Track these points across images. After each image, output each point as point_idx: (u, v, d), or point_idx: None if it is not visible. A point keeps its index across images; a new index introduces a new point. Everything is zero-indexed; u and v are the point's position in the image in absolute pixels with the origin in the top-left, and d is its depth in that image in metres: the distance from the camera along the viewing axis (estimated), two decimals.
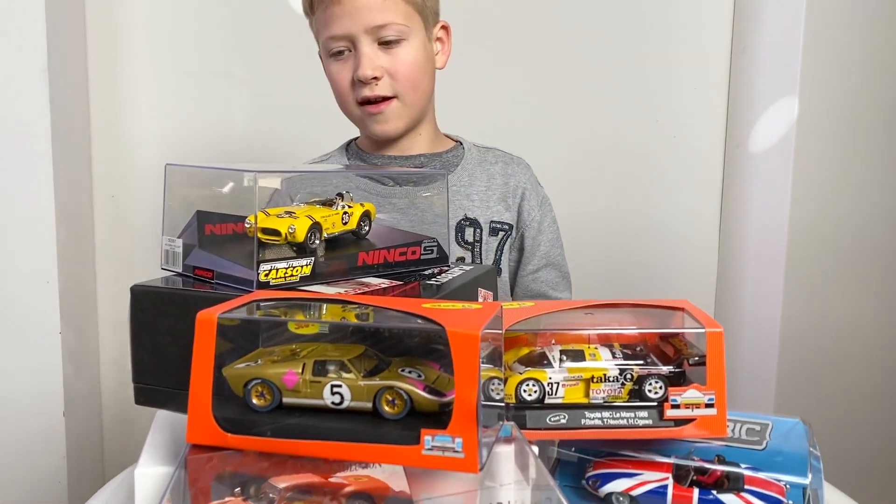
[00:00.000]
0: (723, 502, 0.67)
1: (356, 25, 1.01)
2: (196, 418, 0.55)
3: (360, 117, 1.08)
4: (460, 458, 0.51)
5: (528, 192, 1.15)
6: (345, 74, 1.05)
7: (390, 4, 1.02)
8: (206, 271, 0.72)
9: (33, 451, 1.49)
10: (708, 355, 0.65)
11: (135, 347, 0.70)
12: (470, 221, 1.11)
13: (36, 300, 1.44)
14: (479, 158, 1.16)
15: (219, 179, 0.77)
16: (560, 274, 1.20)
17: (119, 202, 1.59)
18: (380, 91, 1.04)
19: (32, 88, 1.38)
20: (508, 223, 1.14)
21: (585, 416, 0.66)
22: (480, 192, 1.13)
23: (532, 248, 1.17)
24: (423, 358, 0.61)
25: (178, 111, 1.57)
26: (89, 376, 1.61)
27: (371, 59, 1.02)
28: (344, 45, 1.04)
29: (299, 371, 0.56)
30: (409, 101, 1.07)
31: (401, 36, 1.03)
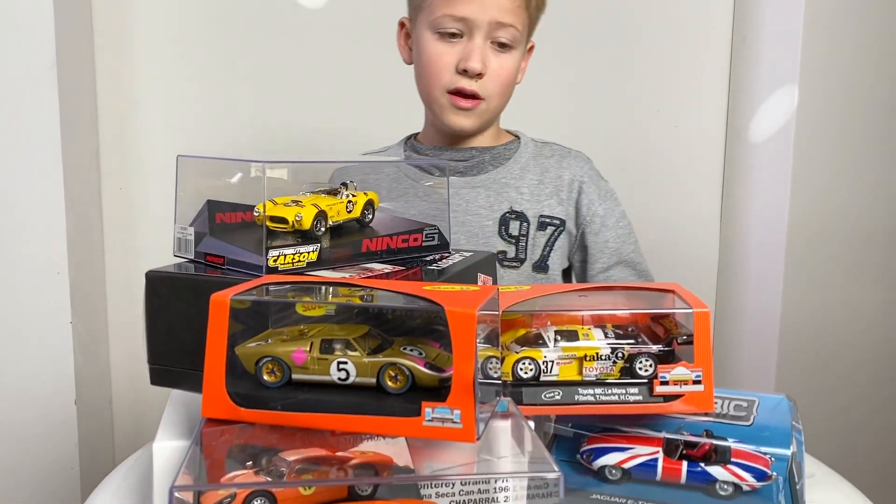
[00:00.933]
0: (710, 474, 0.70)
1: (483, 15, 1.00)
2: (211, 394, 0.58)
3: (441, 104, 1.06)
4: (458, 428, 0.55)
5: (585, 186, 1.12)
6: (448, 58, 1.02)
7: (517, 10, 1.02)
8: (217, 257, 0.75)
9: (46, 438, 1.52)
10: (695, 334, 0.68)
11: (149, 330, 0.74)
12: (516, 215, 1.09)
13: (47, 291, 1.47)
14: (534, 152, 1.14)
15: (228, 170, 0.81)
16: (636, 272, 1.15)
17: (127, 194, 1.61)
18: (476, 88, 1.03)
19: (42, 83, 1.41)
20: (560, 218, 1.11)
21: (579, 393, 0.69)
22: (532, 186, 1.11)
23: (597, 246, 1.13)
24: (424, 337, 0.64)
25: (184, 105, 1.60)
26: (100, 365, 1.64)
27: (485, 54, 1.01)
28: (459, 29, 1.01)
29: (307, 349, 0.60)
30: (492, 105, 1.07)
31: (512, 43, 1.03)
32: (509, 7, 1.01)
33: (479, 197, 1.10)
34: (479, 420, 0.56)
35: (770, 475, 0.70)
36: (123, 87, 1.57)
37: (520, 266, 1.08)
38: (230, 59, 1.60)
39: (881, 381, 1.71)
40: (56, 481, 1.52)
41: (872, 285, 1.69)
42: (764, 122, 1.62)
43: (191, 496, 0.59)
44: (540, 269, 1.09)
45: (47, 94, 1.41)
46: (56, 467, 1.53)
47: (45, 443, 1.52)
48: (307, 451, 0.62)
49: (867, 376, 1.71)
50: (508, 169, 1.12)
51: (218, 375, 0.58)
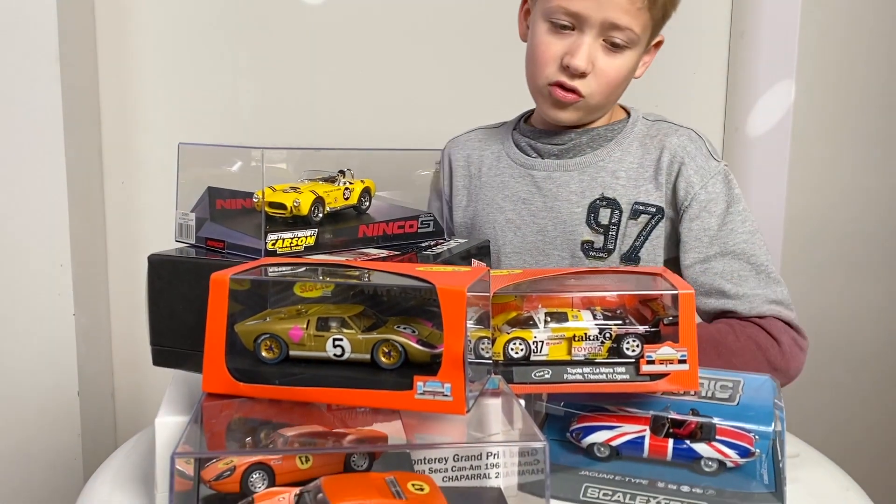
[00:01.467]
0: (695, 450, 0.72)
1: (597, 13, 0.94)
2: (211, 369, 0.61)
3: (541, 93, 1.01)
4: (449, 401, 0.57)
5: (685, 167, 1.00)
6: (555, 49, 0.97)
7: (637, 11, 0.95)
8: (217, 242, 0.77)
9: (50, 428, 1.54)
10: (680, 315, 0.70)
11: (152, 312, 0.76)
12: (607, 202, 1.01)
13: (50, 283, 1.49)
14: (641, 132, 1.05)
15: (228, 158, 0.83)
16: (749, 266, 0.97)
17: (128, 188, 1.63)
18: (577, 85, 0.98)
19: (45, 79, 1.42)
20: (656, 205, 1.01)
21: (567, 372, 0.71)
22: (630, 170, 1.02)
23: (692, 234, 0.99)
24: (417, 317, 0.66)
25: (185, 102, 1.61)
26: (102, 357, 1.66)
27: (591, 54, 0.96)
28: (570, 22, 0.96)
29: (304, 326, 0.62)
30: (594, 102, 1.00)
31: (627, 44, 0.97)
32: (627, 8, 0.94)
33: (572, 181, 1.04)
34: (469, 394, 0.58)
35: (753, 452, 0.72)
36: (125, 83, 1.59)
37: (607, 257, 1.02)
38: (231, 56, 1.61)
39: (877, 376, 1.73)
40: (59, 471, 1.55)
41: (867, 278, 1.70)
42: (761, 117, 1.63)
43: (192, 470, 0.61)
44: (630, 260, 1.01)
45: (50, 90, 1.43)
46: (59, 458, 1.55)
47: (49, 434, 1.54)
48: (305, 427, 0.64)
49: (863, 370, 1.73)
50: (608, 150, 1.04)
51: (218, 352, 0.61)
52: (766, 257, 0.99)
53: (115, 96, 1.59)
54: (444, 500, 0.60)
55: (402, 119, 1.61)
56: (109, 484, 0.75)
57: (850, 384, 1.73)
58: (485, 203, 1.10)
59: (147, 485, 0.72)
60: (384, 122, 1.60)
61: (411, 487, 0.60)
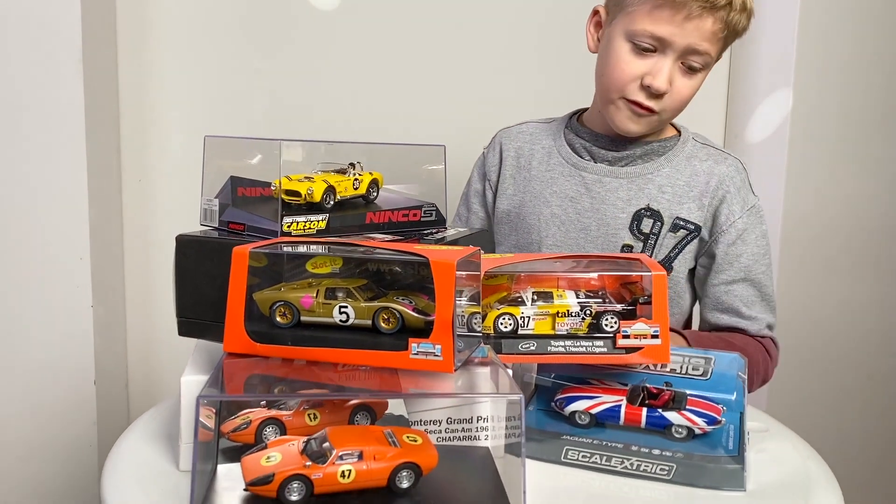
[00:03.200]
0: (666, 418, 0.80)
1: (682, 39, 1.00)
2: (231, 332, 0.69)
3: (617, 106, 1.06)
4: (439, 360, 0.65)
5: (730, 196, 1.08)
6: (635, 67, 1.02)
7: (716, 39, 1.01)
8: (238, 225, 0.86)
9: (67, 417, 1.59)
10: (653, 294, 0.77)
11: (178, 288, 0.84)
12: (651, 213, 1.08)
13: (70, 275, 1.53)
14: (690, 152, 1.12)
15: (249, 150, 0.91)
16: (759, 294, 1.10)
17: (145, 185, 1.69)
18: (654, 104, 1.04)
19: (68, 80, 1.48)
20: (696, 224, 1.09)
21: (551, 345, 0.79)
22: (678, 187, 1.09)
23: (727, 258, 1.09)
24: (415, 291, 0.74)
25: (200, 101, 1.67)
26: (117, 348, 1.70)
27: (671, 76, 1.02)
28: (653, 45, 1.01)
29: (314, 295, 0.70)
30: (665, 118, 1.07)
31: (702, 67, 1.03)
32: (709, 36, 1.01)
33: (620, 188, 1.10)
34: (458, 355, 0.66)
35: (720, 421, 0.79)
36: (143, 84, 1.65)
37: None
38: (245, 58, 1.67)
39: (874, 377, 1.77)
40: (75, 458, 1.60)
41: (863, 281, 1.75)
42: (760, 124, 1.69)
43: (213, 422, 0.70)
44: None
45: (73, 90, 1.48)
46: (75, 444, 1.60)
47: (65, 421, 1.59)
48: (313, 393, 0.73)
49: (859, 372, 1.77)
50: (658, 165, 1.11)
51: (238, 316, 0.69)
52: (772, 287, 1.11)
53: (134, 97, 1.65)
54: (434, 451, 0.68)
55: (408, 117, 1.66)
56: (137, 440, 0.83)
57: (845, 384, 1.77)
58: (532, 195, 1.15)
59: (171, 440, 0.80)
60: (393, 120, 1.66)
61: (406, 438, 0.68)
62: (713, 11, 0.99)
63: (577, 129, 1.16)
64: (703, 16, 0.99)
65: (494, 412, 0.79)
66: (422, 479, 0.66)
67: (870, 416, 1.79)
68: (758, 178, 1.70)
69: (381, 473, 0.64)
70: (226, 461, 0.69)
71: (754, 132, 1.69)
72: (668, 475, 0.76)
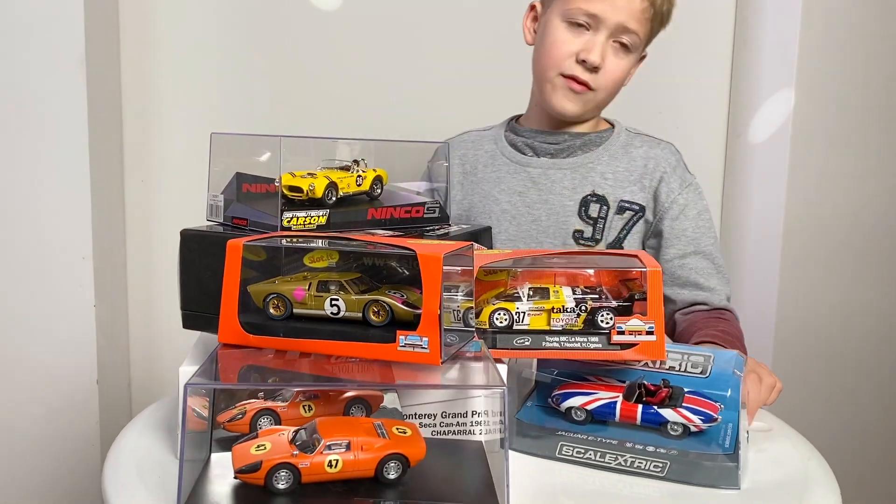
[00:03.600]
0: (661, 415, 0.79)
1: (614, 16, 1.07)
2: (226, 323, 0.70)
3: (555, 84, 1.12)
4: (426, 353, 0.65)
5: (667, 176, 1.15)
6: (570, 46, 1.09)
7: (644, 19, 1.09)
8: (241, 220, 0.87)
9: (69, 415, 1.61)
10: (648, 291, 0.77)
11: (183, 281, 0.86)
12: (597, 198, 1.14)
13: (73, 275, 1.56)
14: (625, 142, 1.18)
15: (255, 147, 0.93)
16: (713, 266, 1.15)
17: (148, 186, 1.71)
18: (589, 79, 1.10)
19: (71, 81, 1.50)
20: (640, 204, 1.15)
21: (546, 340, 0.79)
22: (617, 173, 1.16)
23: (674, 232, 1.15)
24: (409, 286, 0.75)
25: (202, 103, 1.69)
26: (119, 348, 1.72)
27: (605, 50, 1.09)
28: (587, 22, 1.08)
29: (307, 288, 0.71)
30: (599, 97, 1.13)
31: (631, 47, 1.11)
32: (638, 15, 1.09)
33: (565, 178, 1.16)
34: (445, 348, 0.66)
35: (716, 419, 0.79)
36: (146, 86, 1.67)
37: (594, 245, 1.14)
38: (248, 61, 1.69)
39: (875, 377, 1.75)
40: (77, 456, 1.63)
41: (864, 281, 1.73)
42: (762, 124, 1.68)
43: (207, 412, 0.71)
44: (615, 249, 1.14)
45: (76, 91, 1.50)
46: (78, 443, 1.62)
47: (68, 420, 1.61)
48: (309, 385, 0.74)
49: (860, 371, 1.75)
50: (597, 155, 1.17)
51: (231, 308, 0.70)
52: (722, 260, 1.18)
53: (137, 98, 1.67)
54: (423, 443, 0.69)
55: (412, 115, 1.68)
56: (139, 431, 0.86)
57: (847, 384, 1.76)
58: (481, 196, 1.20)
59: (171, 430, 0.82)
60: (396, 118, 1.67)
61: (395, 430, 0.69)
62: None
63: (517, 130, 1.22)
64: None
65: (489, 407, 0.79)
66: (410, 471, 0.67)
67: (871, 415, 1.77)
68: (760, 178, 1.72)
69: (369, 464, 0.65)
70: (220, 450, 0.71)
71: (756, 132, 1.69)
72: (662, 472, 0.76)
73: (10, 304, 1.57)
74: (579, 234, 1.15)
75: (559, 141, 1.17)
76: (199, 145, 1.78)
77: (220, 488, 0.65)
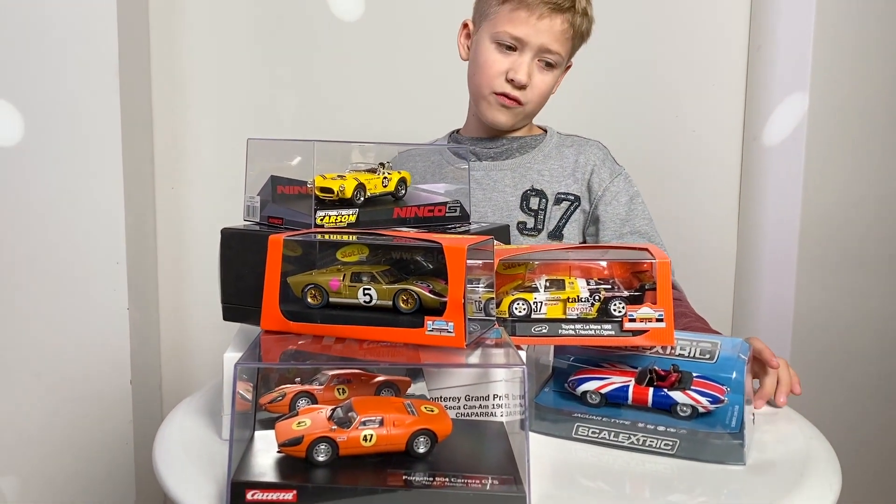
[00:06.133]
0: (671, 397, 0.85)
1: (537, 39, 1.18)
2: (268, 311, 0.77)
3: (489, 101, 1.23)
4: (452, 336, 0.71)
5: (597, 168, 1.27)
6: (500, 66, 1.20)
7: (564, 40, 1.21)
8: (277, 219, 0.94)
9: (104, 416, 1.67)
10: (657, 281, 0.83)
11: (223, 276, 0.92)
12: (536, 192, 1.25)
13: (107, 279, 1.62)
14: (557, 143, 1.30)
15: (288, 151, 1.00)
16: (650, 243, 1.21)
17: (178, 193, 1.78)
18: (519, 95, 1.21)
19: (105, 92, 1.57)
20: (574, 194, 1.26)
21: (562, 328, 0.85)
22: (552, 170, 1.27)
23: (609, 216, 1.25)
24: (434, 277, 0.81)
25: (230, 111, 1.76)
26: (151, 350, 1.78)
27: (531, 69, 1.20)
28: (513, 44, 1.19)
29: (341, 279, 0.77)
30: (528, 111, 1.25)
31: (554, 64, 1.22)
32: (559, 36, 1.20)
33: (506, 177, 1.28)
34: (469, 333, 0.72)
35: (723, 400, 0.84)
36: (175, 98, 1.74)
37: (537, 235, 1.25)
38: (273, 71, 1.76)
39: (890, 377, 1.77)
40: (112, 456, 1.69)
41: (881, 283, 1.75)
42: (777, 127, 1.71)
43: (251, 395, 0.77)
44: (555, 237, 1.25)
45: (110, 104, 1.57)
46: (112, 442, 1.68)
47: (103, 419, 1.67)
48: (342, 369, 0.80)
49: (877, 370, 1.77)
50: (532, 156, 1.29)
51: (273, 297, 0.77)
52: (661, 238, 1.27)
53: (167, 109, 1.74)
54: (449, 421, 0.74)
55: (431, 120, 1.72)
56: (180, 418, 0.92)
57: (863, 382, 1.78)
58: None
59: (213, 416, 0.89)
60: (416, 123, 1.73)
61: (424, 409, 0.75)
62: (560, 12, 1.18)
63: (458, 139, 1.35)
64: (552, 16, 1.18)
65: (509, 390, 0.85)
66: (437, 446, 0.73)
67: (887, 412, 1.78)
68: (775, 181, 1.74)
69: (400, 438, 0.71)
70: (262, 429, 0.77)
71: (771, 135, 1.72)
72: (673, 450, 0.81)
73: (49, 308, 1.63)
74: (523, 226, 1.25)
75: (498, 146, 1.29)
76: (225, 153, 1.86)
77: (264, 461, 0.71)
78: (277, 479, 0.67)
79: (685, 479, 0.77)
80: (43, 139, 1.58)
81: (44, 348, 1.64)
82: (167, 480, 0.76)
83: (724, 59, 1.76)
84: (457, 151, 1.30)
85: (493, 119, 1.25)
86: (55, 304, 1.63)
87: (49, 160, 1.59)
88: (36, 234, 1.60)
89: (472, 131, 1.34)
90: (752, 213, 1.78)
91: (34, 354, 1.64)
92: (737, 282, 1.84)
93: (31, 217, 1.60)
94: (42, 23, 1.55)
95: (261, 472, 0.69)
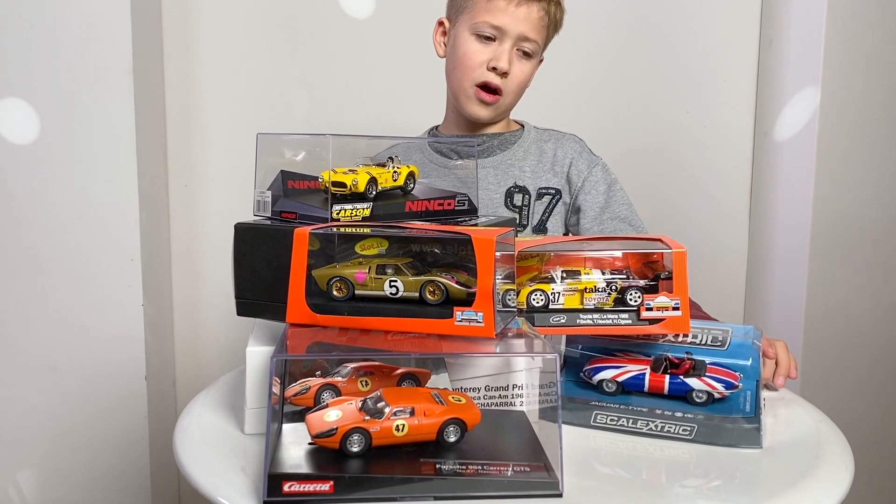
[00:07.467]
0: (687, 383, 0.87)
1: (516, 27, 1.21)
2: (294, 304, 0.77)
3: (468, 94, 1.25)
4: (481, 326, 0.72)
5: (575, 160, 1.29)
6: (480, 56, 1.22)
7: (542, 28, 1.23)
8: (290, 213, 0.93)
9: (119, 410, 1.67)
10: (674, 270, 0.85)
11: (237, 271, 0.92)
12: (519, 188, 1.27)
13: (122, 276, 1.63)
14: (535, 138, 1.32)
15: (298, 146, 0.99)
16: (630, 227, 1.27)
17: (191, 191, 1.79)
18: (500, 84, 1.23)
19: (119, 91, 1.58)
20: (555, 188, 1.28)
21: (580, 318, 0.86)
22: (532, 166, 1.29)
23: (588, 204, 1.27)
24: (455, 268, 0.82)
25: (242, 109, 1.77)
26: (165, 346, 1.79)
27: (511, 58, 1.22)
28: (493, 34, 1.21)
29: (367, 271, 0.78)
30: (507, 102, 1.26)
31: (532, 54, 1.24)
32: (536, 25, 1.22)
33: (489, 175, 1.29)
34: (497, 322, 0.73)
35: (737, 386, 0.86)
36: (188, 96, 1.75)
37: (522, 230, 1.28)
38: (285, 69, 1.76)
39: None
40: (127, 450, 1.69)
41: (891, 275, 1.77)
42: (789, 122, 1.73)
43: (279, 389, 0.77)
44: (539, 231, 1.27)
45: (124, 102, 1.58)
46: (127, 437, 1.68)
47: (118, 415, 1.67)
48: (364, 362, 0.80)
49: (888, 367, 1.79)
50: (513, 152, 1.30)
51: (299, 291, 0.77)
52: (641, 222, 1.28)
53: (180, 108, 1.75)
54: (477, 410, 0.75)
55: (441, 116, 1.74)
56: (199, 410, 0.91)
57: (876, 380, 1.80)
58: None
59: (234, 409, 0.88)
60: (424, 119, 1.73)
61: (451, 399, 0.75)
62: (536, 0, 1.21)
63: (439, 137, 1.36)
64: (529, 4, 1.21)
65: (529, 380, 0.86)
66: (466, 435, 0.73)
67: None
68: (787, 176, 1.75)
69: (431, 428, 0.72)
70: (288, 422, 0.77)
71: (783, 130, 1.74)
72: (690, 435, 0.83)
73: (65, 304, 1.63)
74: None
75: (479, 143, 1.32)
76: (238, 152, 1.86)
77: (296, 453, 0.71)
78: (313, 471, 0.68)
79: (702, 464, 0.78)
80: (58, 138, 1.58)
81: (60, 344, 1.64)
82: (194, 475, 0.75)
83: (735, 54, 1.77)
84: (439, 149, 1.32)
85: (472, 113, 1.26)
86: (71, 300, 1.63)
87: (64, 159, 1.59)
88: (51, 232, 1.61)
89: (451, 128, 1.35)
90: (763, 209, 1.79)
91: (50, 350, 1.64)
92: (748, 277, 1.85)
93: (47, 215, 1.61)
94: (57, 23, 1.55)
95: (295, 465, 0.69)
